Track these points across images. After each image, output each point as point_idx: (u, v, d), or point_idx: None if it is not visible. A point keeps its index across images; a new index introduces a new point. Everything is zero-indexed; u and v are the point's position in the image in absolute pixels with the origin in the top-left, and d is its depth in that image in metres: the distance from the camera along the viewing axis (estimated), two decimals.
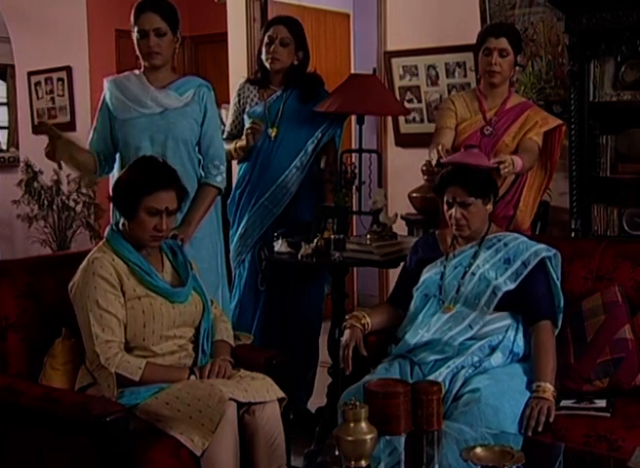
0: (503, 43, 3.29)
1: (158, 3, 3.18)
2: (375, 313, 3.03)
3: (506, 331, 2.76)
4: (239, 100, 3.96)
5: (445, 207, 2.88)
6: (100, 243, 2.66)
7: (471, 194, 2.81)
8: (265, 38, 3.81)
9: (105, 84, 3.29)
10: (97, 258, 2.57)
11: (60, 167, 3.15)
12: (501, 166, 3.05)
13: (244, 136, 3.84)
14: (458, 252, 2.91)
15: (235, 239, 3.91)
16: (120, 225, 2.67)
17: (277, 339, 3.83)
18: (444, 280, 2.87)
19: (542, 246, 2.84)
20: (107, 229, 2.71)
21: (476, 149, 3.06)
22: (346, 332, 2.90)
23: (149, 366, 2.52)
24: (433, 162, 3.19)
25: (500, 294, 2.76)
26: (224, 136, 3.90)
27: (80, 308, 2.54)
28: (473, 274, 2.82)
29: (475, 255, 2.86)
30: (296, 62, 3.81)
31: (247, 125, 3.91)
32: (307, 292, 3.87)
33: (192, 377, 2.55)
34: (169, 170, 2.69)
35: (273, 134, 3.80)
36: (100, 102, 3.30)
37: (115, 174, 3.24)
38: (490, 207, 2.88)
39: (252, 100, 3.91)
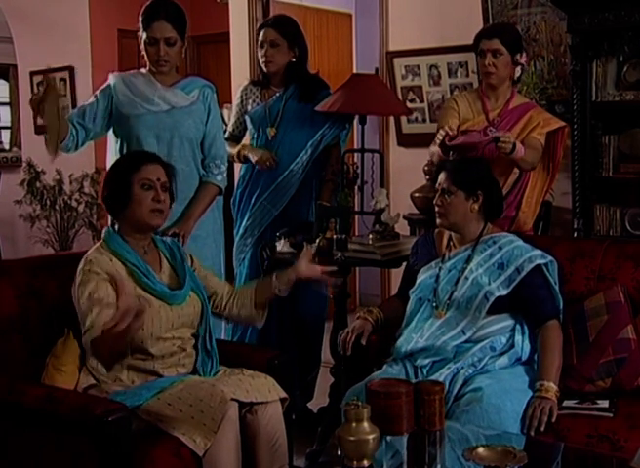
0: (495, 43, 3.31)
1: (170, 10, 3.18)
2: (385, 305, 3.12)
3: (512, 334, 2.74)
4: (242, 102, 3.98)
5: None
6: (98, 244, 2.64)
7: (454, 183, 2.81)
8: (259, 42, 3.83)
9: (111, 78, 3.29)
10: (94, 258, 2.55)
11: (36, 115, 3.11)
12: (502, 138, 3.06)
13: (253, 156, 3.83)
14: (453, 254, 2.89)
15: (237, 238, 3.92)
16: (116, 227, 2.66)
17: (276, 339, 3.82)
18: (439, 283, 2.86)
19: (538, 252, 2.79)
20: (105, 230, 2.68)
21: (475, 132, 3.10)
22: (356, 321, 2.93)
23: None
24: (438, 139, 3.22)
25: (491, 300, 2.73)
26: (226, 137, 3.91)
27: (78, 307, 2.53)
28: (466, 278, 2.80)
29: (469, 259, 2.83)
30: (293, 60, 3.81)
31: (249, 126, 3.92)
32: (309, 294, 3.86)
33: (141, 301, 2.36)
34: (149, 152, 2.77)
35: (272, 133, 3.81)
36: (104, 87, 3.28)
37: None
38: (475, 206, 2.83)
39: (253, 102, 3.91)
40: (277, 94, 3.86)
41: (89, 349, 2.44)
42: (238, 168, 4.15)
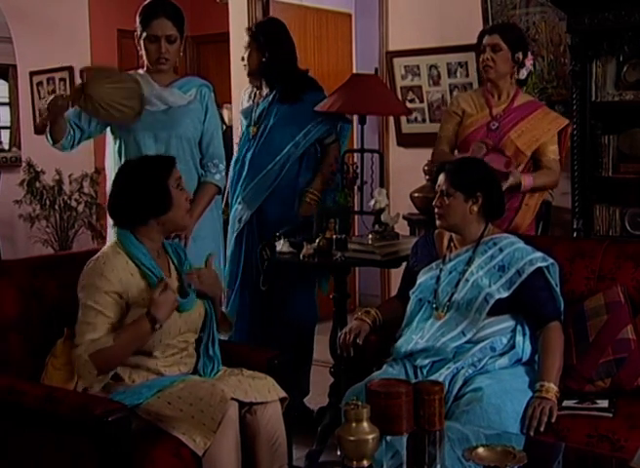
0: (495, 39, 3.36)
1: (169, 8, 3.19)
2: (384, 306, 3.12)
3: (513, 335, 2.74)
4: (242, 104, 4.05)
5: None
6: (112, 242, 2.62)
7: (453, 184, 2.81)
8: None
9: None
10: (109, 260, 2.52)
11: (45, 122, 3.11)
12: (512, 175, 3.20)
13: None
14: (454, 255, 2.89)
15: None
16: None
17: (263, 339, 3.83)
18: (439, 285, 2.85)
19: (539, 255, 2.78)
20: (116, 230, 2.65)
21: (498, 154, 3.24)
22: (354, 322, 2.94)
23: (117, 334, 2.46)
24: (475, 148, 3.31)
25: (491, 302, 2.72)
26: (237, 141, 3.98)
27: (80, 304, 2.53)
28: (467, 280, 2.79)
29: (470, 261, 2.83)
30: (264, 60, 3.81)
31: (243, 122, 3.96)
32: (298, 297, 3.87)
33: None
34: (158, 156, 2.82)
35: (253, 132, 3.85)
36: None
37: (111, 167, 3.28)
38: (474, 208, 2.82)
39: (247, 102, 3.99)
40: (265, 94, 3.88)
41: (85, 360, 2.41)
42: None
